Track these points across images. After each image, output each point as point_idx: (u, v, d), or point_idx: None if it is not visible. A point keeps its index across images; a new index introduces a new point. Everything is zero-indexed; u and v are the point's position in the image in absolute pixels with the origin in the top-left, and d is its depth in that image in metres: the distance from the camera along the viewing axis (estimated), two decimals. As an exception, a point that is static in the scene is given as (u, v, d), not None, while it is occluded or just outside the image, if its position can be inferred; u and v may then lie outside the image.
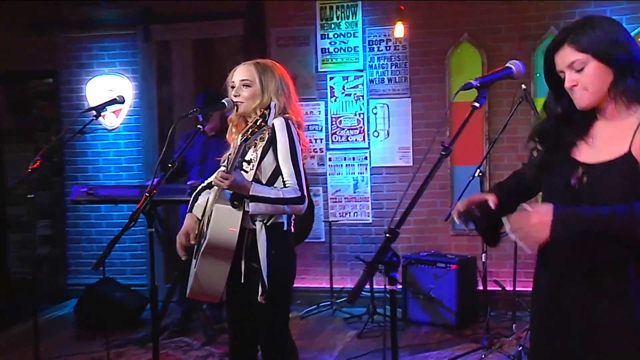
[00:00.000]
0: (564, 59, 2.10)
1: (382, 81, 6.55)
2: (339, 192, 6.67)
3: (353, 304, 5.65)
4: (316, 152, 6.64)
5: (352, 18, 6.56)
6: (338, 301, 6.44)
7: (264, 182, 3.04)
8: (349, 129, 6.64)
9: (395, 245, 6.39)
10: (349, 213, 6.64)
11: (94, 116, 4.00)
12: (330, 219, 6.59)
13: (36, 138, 7.26)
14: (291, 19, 6.66)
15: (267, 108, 2.78)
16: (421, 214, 6.44)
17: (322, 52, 6.63)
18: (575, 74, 2.08)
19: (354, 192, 6.64)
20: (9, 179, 7.26)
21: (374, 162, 6.62)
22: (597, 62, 2.04)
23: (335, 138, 6.65)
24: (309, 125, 6.59)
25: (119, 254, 7.07)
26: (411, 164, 6.54)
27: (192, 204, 3.26)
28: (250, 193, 2.93)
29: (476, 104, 2.27)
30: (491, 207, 2.22)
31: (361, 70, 6.59)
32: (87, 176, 7.19)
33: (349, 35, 6.59)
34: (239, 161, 2.93)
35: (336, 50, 6.61)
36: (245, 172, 3.02)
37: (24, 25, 7.12)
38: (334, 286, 6.44)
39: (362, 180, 6.63)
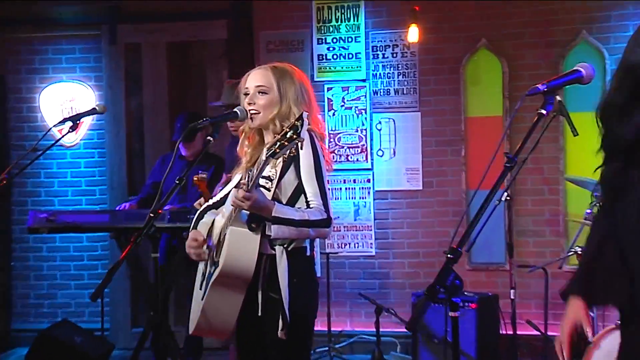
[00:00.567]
0: None
1: (388, 93, 6.69)
2: (337, 220, 6.71)
3: (413, 332, 5.74)
4: None
5: (354, 20, 6.69)
6: (337, 346, 6.50)
7: (284, 201, 3.12)
8: (349, 147, 6.75)
9: (402, 281, 6.62)
10: (349, 244, 6.73)
11: (70, 129, 4.05)
12: (328, 250, 6.63)
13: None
14: (283, 21, 6.76)
15: (299, 119, 2.78)
16: (431, 245, 6.55)
17: (318, 59, 6.75)
18: None
19: (355, 220, 6.73)
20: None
21: (378, 185, 6.72)
22: None
23: (334, 157, 6.73)
24: None
25: (74, 292, 7.11)
26: (420, 187, 6.66)
27: (196, 222, 3.38)
28: (273, 214, 3.00)
29: (543, 111, 2.47)
30: (588, 338, 2.30)
31: (364, 80, 6.73)
32: (39, 201, 7.18)
33: (349, 39, 6.73)
34: (255, 174, 2.99)
35: (335, 57, 6.74)
36: (263, 189, 3.09)
37: (-39, 22, 7.14)
38: (332, 329, 6.42)
39: (364, 206, 6.73)
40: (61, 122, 4.10)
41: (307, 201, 3.11)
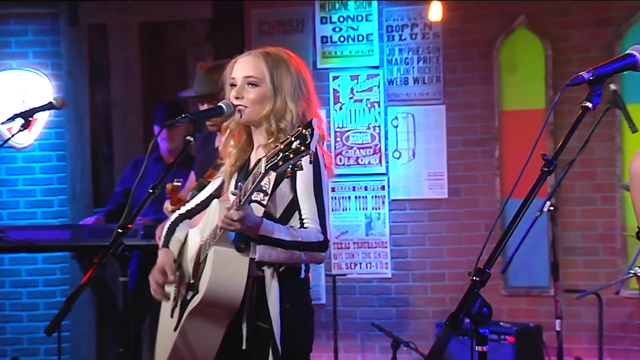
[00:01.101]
0: None
1: (406, 82, 6.70)
2: (345, 235, 6.73)
3: None
4: None
5: (365, -6, 6.74)
6: (346, 386, 6.55)
7: (276, 216, 3.18)
8: (359, 148, 6.76)
9: (423, 309, 6.60)
10: (360, 264, 6.74)
11: (21, 127, 4.06)
12: (334, 271, 6.63)
13: None
14: (279, -4, 6.82)
15: (308, 126, 2.73)
16: (458, 265, 6.52)
17: (322, 42, 6.76)
18: None
19: (367, 235, 6.74)
20: None
21: (395, 194, 6.72)
22: None
23: (341, 160, 6.73)
24: None
25: (27, 326, 7.06)
26: (445, 195, 6.66)
27: (167, 237, 3.42)
28: (260, 232, 3.03)
29: (588, 104, 2.42)
30: None
31: (377, 67, 6.72)
32: None
33: (359, 18, 6.72)
34: (250, 188, 2.97)
35: (342, 39, 6.74)
36: (255, 204, 3.13)
37: None
38: (339, 365, 6.39)
39: (378, 219, 6.73)
40: (10, 118, 4.14)
41: (302, 219, 3.16)
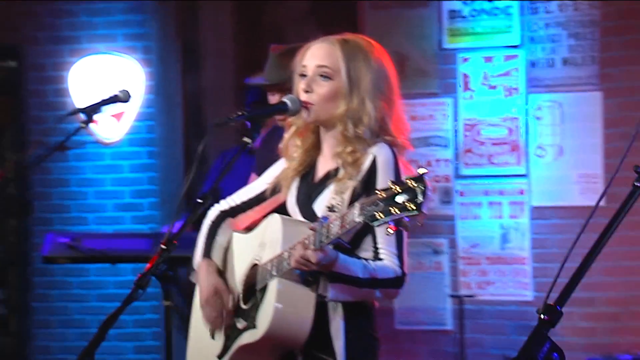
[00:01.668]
0: None
1: (552, 64, 6.40)
2: (476, 249, 6.47)
3: None
4: (438, 181, 6.48)
5: (502, -43, 6.63)
6: None
7: (346, 240, 3.10)
8: (493, 144, 6.48)
9: (571, 341, 6.16)
10: (494, 283, 6.46)
11: (82, 123, 3.89)
12: (462, 291, 6.43)
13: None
14: (398, -36, 6.78)
15: (419, 180, 2.65)
16: (616, 287, 6.19)
17: (450, 17, 6.53)
18: None
19: (502, 249, 6.46)
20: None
21: (537, 200, 6.41)
22: None
23: (471, 158, 6.49)
24: (426, 139, 6.45)
25: (114, 345, 6.85)
26: (603, 202, 5.98)
27: (208, 242, 3.38)
28: (334, 269, 2.99)
29: None
30: None
31: (516, 47, 6.42)
32: (68, 219, 7.11)
33: (495, -13, 6.58)
34: (337, 233, 2.90)
35: (474, 12, 6.50)
36: None
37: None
38: (467, 405, 6.48)
39: (516, 230, 6.44)
40: (70, 113, 4.10)
41: (376, 248, 3.10)
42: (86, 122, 3.91)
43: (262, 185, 3.37)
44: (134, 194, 7.07)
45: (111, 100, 3.94)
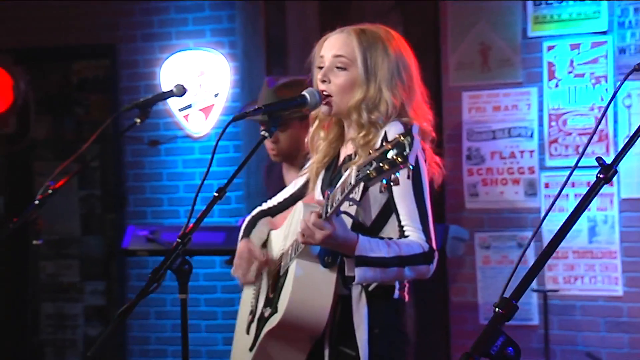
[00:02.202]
0: None
1: None
2: (563, 243, 6.05)
3: None
4: (522, 173, 6.44)
5: None
6: None
7: (368, 224, 3.14)
8: (580, 134, 6.41)
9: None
10: (582, 278, 6.35)
11: (137, 118, 3.94)
12: (548, 286, 6.31)
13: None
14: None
15: (407, 134, 2.60)
16: None
17: (535, 4, 6.44)
18: None
19: (590, 243, 6.35)
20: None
21: (627, 191, 6.27)
22: None
23: (557, 149, 6.40)
24: (509, 130, 6.42)
25: (205, 336, 7.04)
26: None
27: (247, 229, 3.47)
28: (357, 253, 2.97)
29: None
30: None
31: (604, 33, 6.30)
32: (160, 212, 7.28)
33: (582, -28, 6.39)
34: (338, 199, 2.91)
35: None
36: (344, 215, 3.07)
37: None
38: (555, 402, 6.35)
39: (605, 222, 6.33)
40: (129, 109, 4.16)
41: (401, 226, 3.10)
42: (141, 117, 3.94)
43: (295, 185, 3.47)
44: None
45: (166, 96, 3.99)
